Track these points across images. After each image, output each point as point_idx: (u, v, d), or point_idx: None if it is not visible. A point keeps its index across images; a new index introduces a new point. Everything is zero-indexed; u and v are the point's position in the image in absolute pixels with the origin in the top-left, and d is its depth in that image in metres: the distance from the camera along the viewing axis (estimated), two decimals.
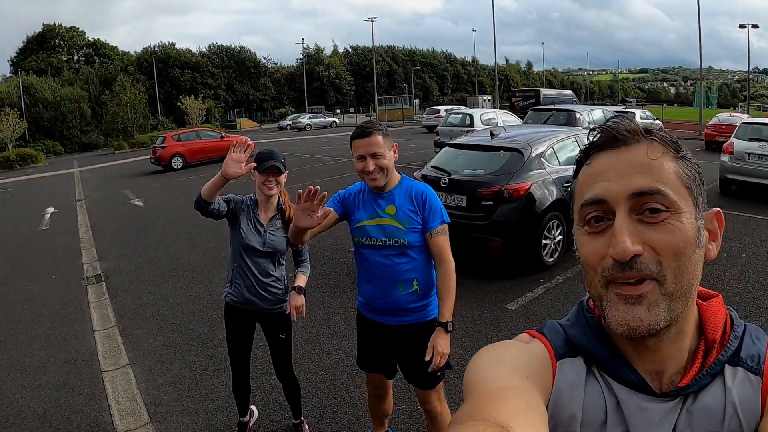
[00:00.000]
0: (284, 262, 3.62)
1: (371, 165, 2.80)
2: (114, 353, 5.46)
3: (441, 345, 2.73)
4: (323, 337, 5.51)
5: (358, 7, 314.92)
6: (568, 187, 7.32)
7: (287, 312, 3.51)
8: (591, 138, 0.89)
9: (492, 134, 8.14)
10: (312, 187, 2.39)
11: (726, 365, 0.84)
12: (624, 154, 0.83)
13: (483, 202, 7.00)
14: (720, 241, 0.89)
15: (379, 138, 2.81)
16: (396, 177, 2.96)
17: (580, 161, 0.90)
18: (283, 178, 3.45)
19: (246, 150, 3.21)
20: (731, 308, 0.93)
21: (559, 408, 0.86)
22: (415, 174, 8.16)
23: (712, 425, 0.81)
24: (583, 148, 0.91)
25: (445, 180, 7.39)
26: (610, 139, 0.85)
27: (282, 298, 3.59)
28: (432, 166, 8.00)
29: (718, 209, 0.89)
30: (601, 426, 0.85)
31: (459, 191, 7.29)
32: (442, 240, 2.90)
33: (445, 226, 2.93)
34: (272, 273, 3.53)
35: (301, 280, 3.55)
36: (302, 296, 3.48)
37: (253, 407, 4.14)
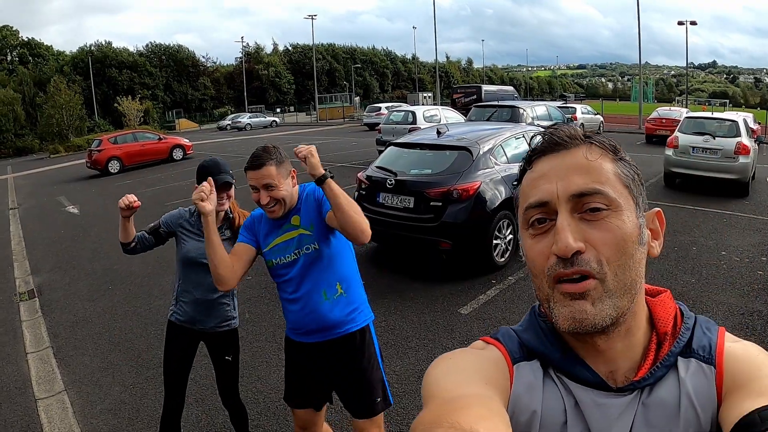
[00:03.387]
0: None
1: (265, 198, 2.64)
2: (49, 378, 5.10)
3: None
4: (270, 352, 5.27)
5: (290, 5, 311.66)
6: (517, 184, 7.28)
7: None
8: (533, 144, 0.92)
9: (439, 132, 8.03)
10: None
11: (679, 357, 0.85)
12: (564, 158, 0.87)
13: (431, 203, 6.86)
14: (662, 239, 0.92)
15: (272, 169, 2.63)
16: (296, 193, 2.78)
17: (524, 168, 0.93)
18: (233, 191, 3.23)
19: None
20: (681, 302, 0.95)
21: (519, 411, 0.86)
22: (359, 175, 8.00)
23: (669, 417, 0.82)
24: (525, 155, 0.94)
25: (391, 181, 7.23)
26: (551, 144, 0.89)
27: (230, 316, 3.35)
28: (377, 167, 7.82)
29: (659, 209, 0.92)
30: (561, 427, 0.85)
31: (406, 192, 7.14)
32: None
33: None
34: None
35: None
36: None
37: None
